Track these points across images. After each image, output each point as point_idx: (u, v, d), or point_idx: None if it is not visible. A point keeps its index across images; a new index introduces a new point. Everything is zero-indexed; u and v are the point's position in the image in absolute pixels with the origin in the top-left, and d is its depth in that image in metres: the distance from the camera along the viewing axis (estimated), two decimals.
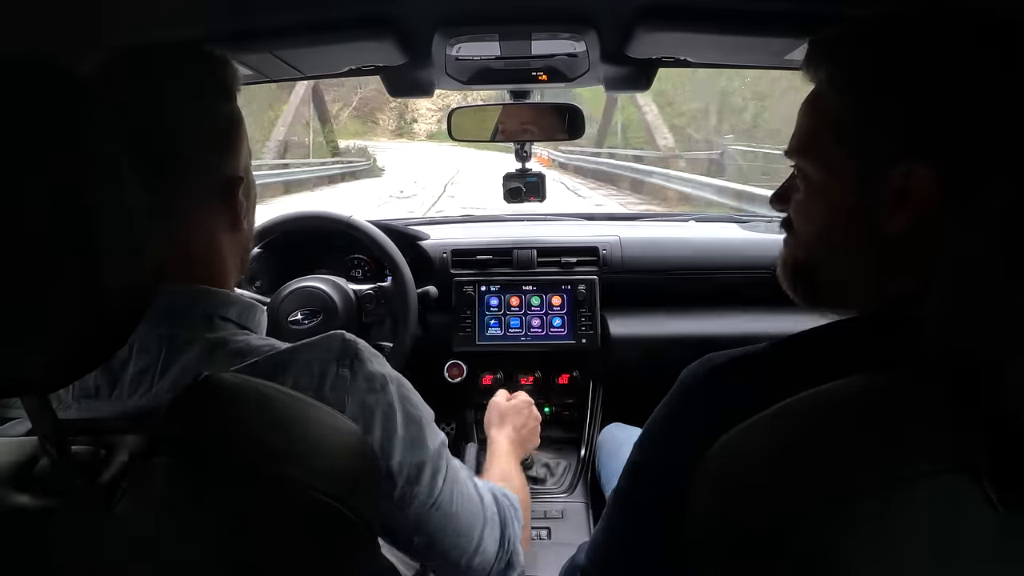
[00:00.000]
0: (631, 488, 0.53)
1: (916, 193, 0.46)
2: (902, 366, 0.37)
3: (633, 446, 0.54)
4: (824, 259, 0.53)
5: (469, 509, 0.65)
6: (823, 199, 0.52)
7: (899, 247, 0.48)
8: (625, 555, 0.53)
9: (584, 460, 1.45)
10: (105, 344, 0.39)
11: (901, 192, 0.46)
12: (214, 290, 0.57)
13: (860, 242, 0.50)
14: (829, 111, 0.50)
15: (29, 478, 0.39)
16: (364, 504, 0.47)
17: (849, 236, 0.51)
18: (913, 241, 0.47)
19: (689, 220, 1.80)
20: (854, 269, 0.52)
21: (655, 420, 0.52)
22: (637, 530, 0.52)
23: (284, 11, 0.78)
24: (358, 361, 0.55)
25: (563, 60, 1.01)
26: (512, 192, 1.42)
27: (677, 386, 0.50)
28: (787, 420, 0.39)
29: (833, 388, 0.38)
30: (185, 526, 0.38)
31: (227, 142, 0.59)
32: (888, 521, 0.33)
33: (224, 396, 0.42)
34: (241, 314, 0.59)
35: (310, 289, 1.25)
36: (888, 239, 0.48)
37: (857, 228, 0.50)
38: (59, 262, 0.34)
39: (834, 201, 0.51)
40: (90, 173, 0.35)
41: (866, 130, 0.48)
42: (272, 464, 0.41)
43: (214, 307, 0.57)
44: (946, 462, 0.33)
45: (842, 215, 0.51)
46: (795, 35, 0.80)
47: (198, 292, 0.56)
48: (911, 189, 0.46)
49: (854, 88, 0.49)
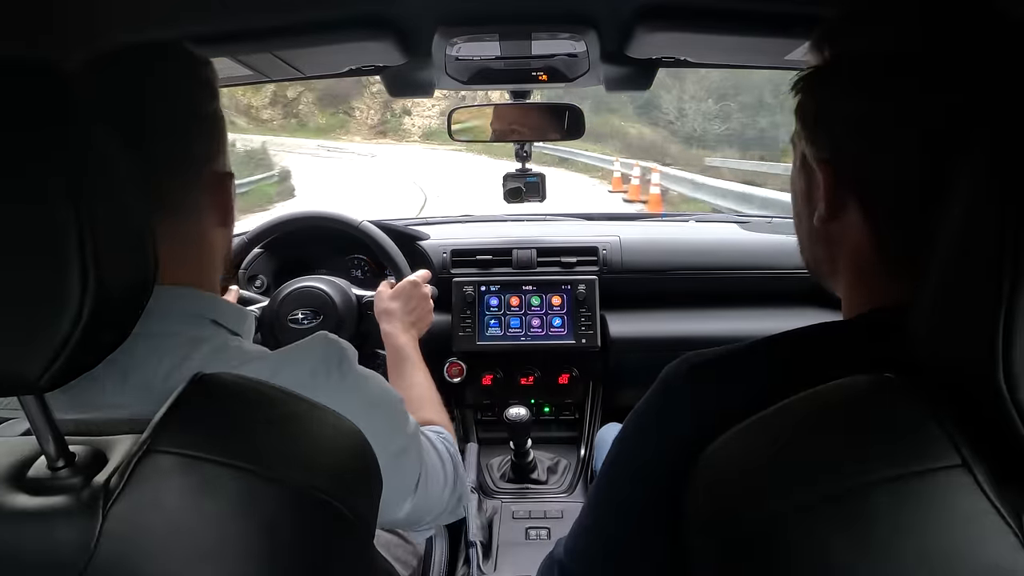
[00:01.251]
0: (609, 485, 0.54)
1: (823, 192, 0.48)
2: (895, 367, 0.37)
3: (612, 442, 0.54)
4: (802, 246, 0.57)
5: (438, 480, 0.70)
6: (791, 184, 0.56)
7: (830, 240, 0.51)
8: (603, 550, 0.53)
9: (584, 460, 1.45)
10: (105, 342, 0.39)
11: (820, 185, 0.49)
12: (202, 293, 0.57)
13: (807, 231, 0.53)
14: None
15: (26, 478, 0.39)
16: (363, 504, 0.46)
17: (801, 225, 0.55)
18: (839, 237, 0.50)
19: (689, 220, 1.80)
20: (813, 258, 0.55)
21: (635, 418, 0.52)
22: (616, 527, 0.52)
23: (284, 11, 0.78)
24: (346, 362, 0.57)
25: (563, 60, 1.01)
26: (512, 192, 1.42)
27: (658, 384, 0.50)
28: (784, 421, 0.39)
29: (829, 389, 0.38)
30: (183, 525, 0.38)
31: (215, 138, 0.60)
32: (883, 521, 0.33)
33: (222, 395, 0.42)
34: (231, 319, 0.59)
35: (311, 289, 1.25)
36: (821, 232, 0.51)
37: (805, 216, 0.53)
38: (58, 260, 0.34)
39: (794, 190, 0.55)
40: (89, 171, 0.35)
41: (801, 125, 0.51)
42: (271, 464, 0.41)
43: (202, 309, 0.57)
44: (940, 461, 0.33)
45: (797, 203, 0.54)
46: (795, 35, 0.80)
47: (189, 294, 0.56)
48: (821, 183, 0.48)
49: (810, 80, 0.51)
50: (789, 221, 0.59)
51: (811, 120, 0.50)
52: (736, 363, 0.48)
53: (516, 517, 1.27)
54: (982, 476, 0.32)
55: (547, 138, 1.39)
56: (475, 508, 1.24)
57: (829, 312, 1.45)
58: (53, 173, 0.34)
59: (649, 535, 0.48)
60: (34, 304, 0.34)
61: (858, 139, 0.46)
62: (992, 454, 0.33)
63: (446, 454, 0.74)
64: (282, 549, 0.40)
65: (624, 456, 0.53)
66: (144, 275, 0.40)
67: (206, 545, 0.38)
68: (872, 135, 0.46)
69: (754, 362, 0.47)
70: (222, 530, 0.39)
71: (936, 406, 0.35)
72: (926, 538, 0.32)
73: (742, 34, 0.82)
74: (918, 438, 0.34)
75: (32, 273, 0.34)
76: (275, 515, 0.40)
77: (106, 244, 0.35)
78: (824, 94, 0.49)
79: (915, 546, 0.32)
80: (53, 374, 0.36)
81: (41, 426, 0.38)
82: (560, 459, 1.45)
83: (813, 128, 0.50)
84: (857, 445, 0.35)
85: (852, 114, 0.46)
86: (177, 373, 0.52)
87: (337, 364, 0.57)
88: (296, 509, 0.41)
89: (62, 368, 0.36)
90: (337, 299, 1.23)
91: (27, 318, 0.34)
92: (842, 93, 0.47)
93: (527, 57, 1.01)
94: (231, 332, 0.58)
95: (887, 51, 0.45)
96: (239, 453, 0.40)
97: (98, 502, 0.37)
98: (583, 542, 0.55)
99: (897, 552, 0.32)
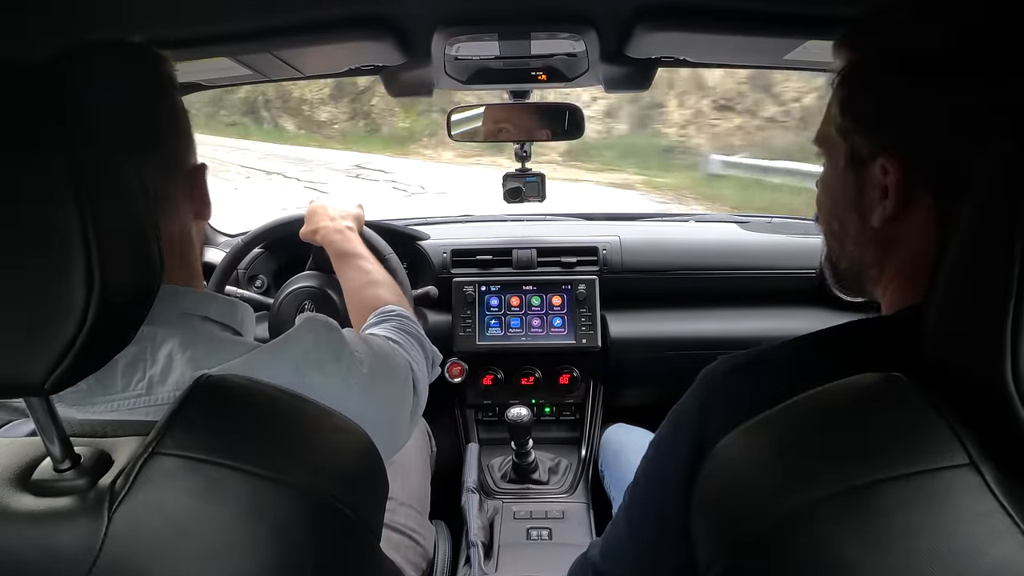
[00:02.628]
0: (646, 487, 0.53)
1: (893, 188, 0.46)
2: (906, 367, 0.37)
3: (649, 445, 0.54)
4: (836, 251, 0.55)
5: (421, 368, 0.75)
6: (827, 190, 0.54)
7: (888, 242, 0.49)
8: (637, 553, 0.53)
9: (584, 460, 1.45)
10: (110, 345, 0.39)
11: (882, 185, 0.47)
12: (190, 290, 0.57)
13: (854, 234, 0.51)
14: (833, 102, 0.51)
15: (31, 480, 0.39)
16: (369, 506, 0.46)
17: (845, 228, 0.52)
18: (900, 238, 0.48)
19: (689, 220, 1.79)
20: (859, 262, 0.53)
21: (673, 418, 0.52)
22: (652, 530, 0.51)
23: (284, 11, 0.78)
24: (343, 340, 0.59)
25: (562, 60, 1.01)
26: (512, 192, 1.42)
27: (698, 384, 0.50)
28: (790, 419, 0.39)
29: (836, 387, 0.38)
30: (188, 528, 0.38)
31: (184, 131, 0.60)
32: (890, 519, 0.33)
33: (227, 398, 0.42)
34: (224, 313, 0.58)
35: (312, 289, 1.25)
36: (878, 234, 0.49)
37: (850, 220, 0.51)
38: (63, 263, 0.34)
39: (835, 192, 0.52)
40: (94, 172, 0.35)
41: (854, 121, 0.49)
42: (277, 467, 0.41)
43: (192, 306, 0.56)
44: (947, 460, 0.33)
45: (839, 206, 0.52)
46: (795, 35, 0.80)
47: (175, 291, 0.56)
48: (888, 183, 0.47)
49: (848, 78, 0.50)
50: (789, 221, 0.58)
51: (871, 112, 0.48)
52: (770, 361, 0.47)
53: (517, 517, 1.27)
54: (990, 475, 0.32)
55: (547, 138, 1.39)
56: (476, 508, 1.23)
57: (830, 312, 1.45)
58: (57, 175, 0.34)
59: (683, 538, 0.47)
60: (39, 307, 0.34)
61: (940, 127, 0.44)
62: (1000, 453, 0.33)
63: (411, 340, 0.78)
64: (289, 552, 0.40)
65: (658, 459, 0.52)
66: (149, 277, 0.40)
67: (212, 548, 0.38)
68: (958, 121, 0.43)
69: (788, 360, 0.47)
70: (228, 533, 0.38)
71: (944, 405, 0.34)
72: (933, 537, 0.32)
73: (742, 34, 0.82)
74: (925, 437, 0.34)
75: (37, 275, 0.34)
76: (282, 518, 0.40)
77: (111, 247, 0.35)
78: (892, 84, 0.46)
79: (922, 545, 0.32)
80: (58, 376, 0.36)
81: (46, 428, 0.38)
82: (561, 459, 1.45)
83: (875, 120, 0.47)
84: (864, 443, 0.35)
85: (931, 101, 0.44)
86: (171, 373, 0.51)
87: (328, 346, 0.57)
88: (302, 512, 0.41)
89: (67, 370, 0.36)
90: (337, 299, 1.23)
91: (32, 321, 0.34)
92: (918, 81, 0.45)
93: (526, 57, 1.00)
94: (223, 326, 0.58)
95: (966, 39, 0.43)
96: (244, 456, 0.40)
97: (103, 504, 0.37)
98: (617, 544, 0.55)
99: (904, 550, 0.32)
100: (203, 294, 0.59)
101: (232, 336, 0.57)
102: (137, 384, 0.51)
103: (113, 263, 0.35)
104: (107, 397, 0.51)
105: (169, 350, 0.52)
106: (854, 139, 0.49)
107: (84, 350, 0.35)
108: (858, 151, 0.49)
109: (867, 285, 0.53)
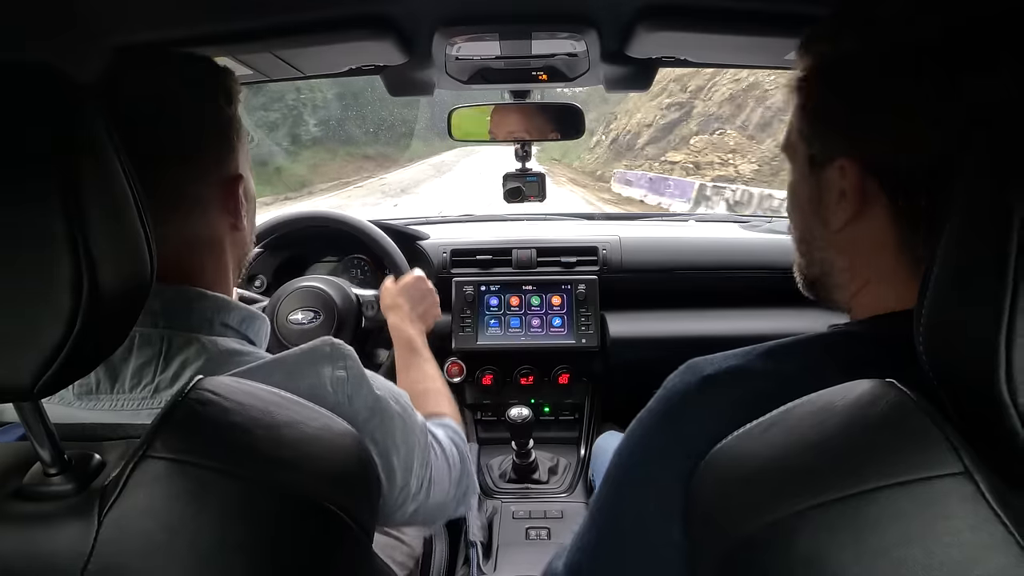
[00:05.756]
0: (615, 498, 0.51)
1: (850, 190, 0.46)
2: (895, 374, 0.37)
3: (613, 454, 0.51)
4: (806, 258, 0.55)
5: (443, 481, 0.68)
6: (793, 197, 0.54)
7: (850, 245, 0.49)
8: (607, 566, 0.50)
9: (584, 460, 1.45)
10: (100, 347, 0.39)
11: (840, 188, 0.47)
12: (213, 294, 0.57)
13: (819, 240, 0.52)
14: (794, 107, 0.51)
15: (22, 485, 0.39)
16: (362, 508, 0.46)
17: (812, 233, 0.52)
18: (861, 239, 0.48)
19: (689, 220, 1.80)
20: (829, 267, 0.52)
21: (639, 430, 0.49)
22: (624, 541, 0.49)
23: (284, 11, 0.78)
24: (351, 361, 0.56)
25: (563, 60, 1.01)
26: (512, 192, 1.42)
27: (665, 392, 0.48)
28: (784, 426, 0.39)
29: (829, 394, 0.38)
30: (179, 531, 0.38)
31: (227, 142, 0.60)
32: (883, 528, 0.32)
33: (218, 401, 0.42)
34: (243, 322, 0.59)
35: (311, 289, 1.25)
36: (841, 237, 0.49)
37: (815, 224, 0.51)
38: (50, 264, 0.33)
39: (800, 199, 0.53)
40: (82, 173, 0.35)
41: (810, 125, 0.49)
42: (267, 468, 0.41)
43: (214, 311, 0.57)
44: (941, 469, 0.33)
45: (804, 210, 0.52)
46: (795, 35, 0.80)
47: (199, 295, 0.57)
48: (844, 186, 0.47)
49: (805, 81, 0.50)
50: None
51: (826, 116, 0.48)
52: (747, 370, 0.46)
53: (516, 517, 1.27)
54: (984, 484, 0.32)
55: (547, 138, 1.39)
56: (475, 508, 1.24)
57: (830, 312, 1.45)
58: (43, 176, 0.33)
59: (659, 548, 0.45)
60: (28, 310, 0.34)
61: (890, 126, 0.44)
62: (994, 462, 0.33)
63: (452, 451, 0.73)
64: (280, 554, 0.40)
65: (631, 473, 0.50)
66: (141, 278, 0.39)
67: (203, 550, 0.38)
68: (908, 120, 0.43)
69: (764, 369, 0.46)
70: (219, 535, 0.38)
71: (937, 412, 0.34)
72: (927, 545, 0.32)
73: (742, 34, 0.82)
74: (919, 445, 0.33)
75: (24, 278, 0.33)
76: (272, 520, 0.40)
77: (100, 247, 0.35)
78: (846, 85, 0.47)
79: (916, 553, 0.32)
80: (47, 381, 0.35)
81: (37, 432, 0.38)
82: (560, 459, 1.45)
83: (829, 124, 0.48)
84: (857, 451, 0.35)
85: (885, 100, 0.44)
86: (180, 379, 0.52)
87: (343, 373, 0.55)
88: (294, 514, 0.41)
89: (56, 374, 0.35)
90: (337, 299, 1.23)
91: (19, 324, 0.34)
92: (872, 82, 0.45)
93: (527, 57, 1.00)
94: (241, 336, 0.58)
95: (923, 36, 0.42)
96: (235, 459, 0.40)
97: (94, 508, 0.37)
98: (587, 557, 0.52)
99: (897, 560, 0.32)
100: (226, 300, 0.59)
101: (248, 347, 0.58)
102: (145, 387, 0.52)
103: (103, 265, 0.35)
104: (113, 396, 0.51)
105: (184, 358, 0.52)
106: (812, 143, 0.49)
107: (74, 353, 0.35)
108: (816, 155, 0.49)
109: (834, 293, 0.53)
